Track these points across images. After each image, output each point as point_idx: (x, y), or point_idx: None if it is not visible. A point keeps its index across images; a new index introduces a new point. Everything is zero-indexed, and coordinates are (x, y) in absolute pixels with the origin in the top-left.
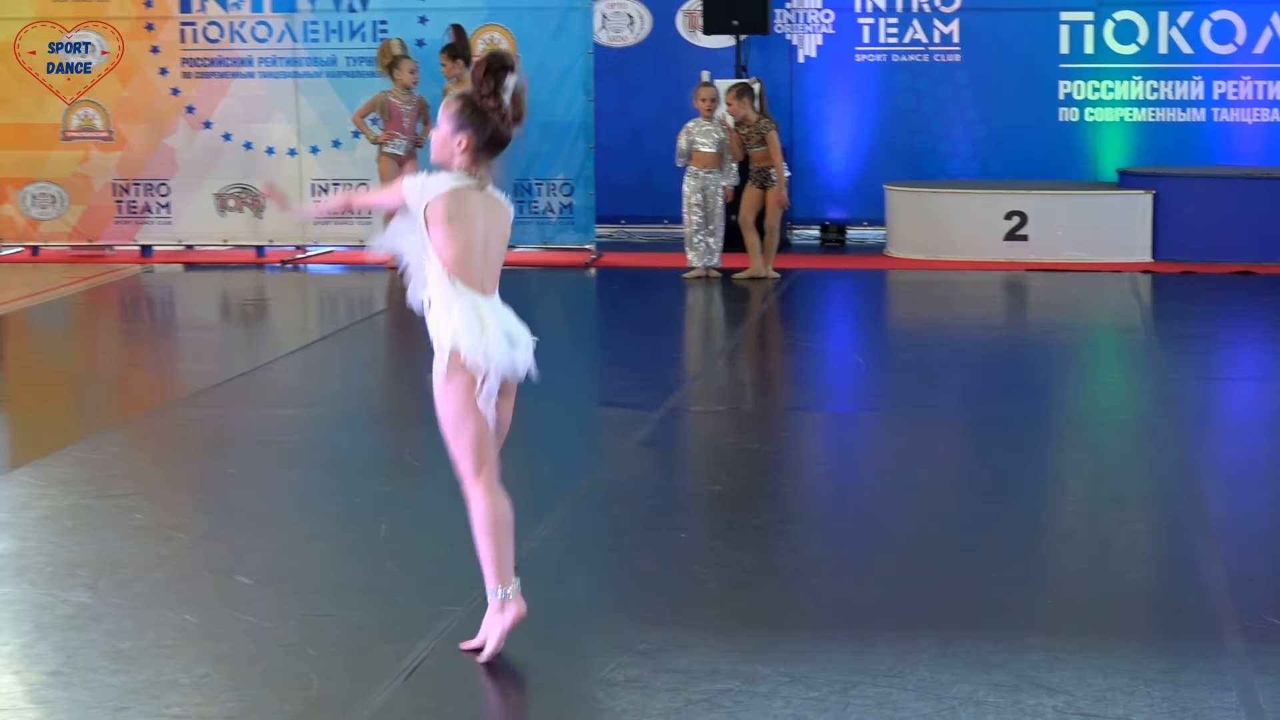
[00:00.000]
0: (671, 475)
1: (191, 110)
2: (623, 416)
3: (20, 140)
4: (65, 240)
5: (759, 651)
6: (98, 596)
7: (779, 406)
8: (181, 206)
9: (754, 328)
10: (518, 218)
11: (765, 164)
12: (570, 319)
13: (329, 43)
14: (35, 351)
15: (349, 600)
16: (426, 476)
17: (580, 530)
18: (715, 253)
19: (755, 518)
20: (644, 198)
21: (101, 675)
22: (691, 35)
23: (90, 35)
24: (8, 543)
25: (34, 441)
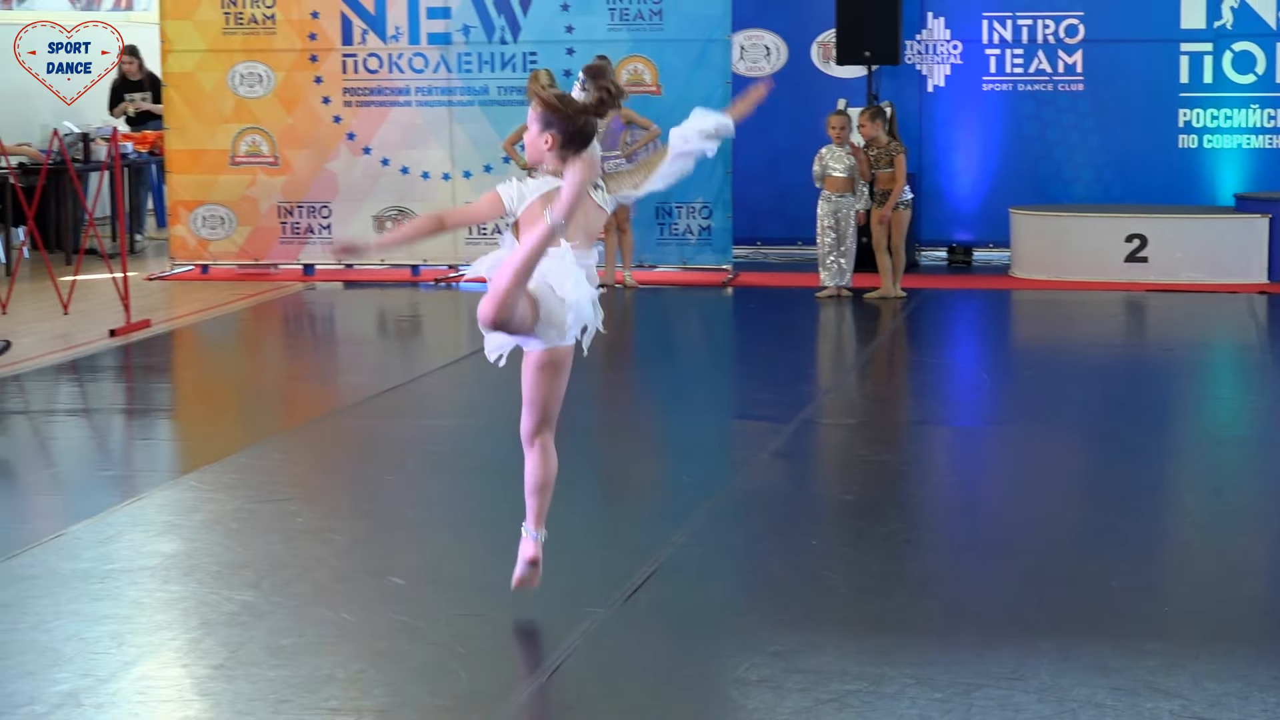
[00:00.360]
0: (803, 485)
1: (352, 137)
2: (758, 429)
3: (192, 165)
4: (233, 259)
5: (886, 654)
6: (260, 595)
7: (906, 420)
8: (342, 227)
9: (883, 345)
10: (658, 238)
11: (889, 186)
12: (708, 336)
13: (481, 73)
14: (204, 364)
15: (497, 601)
16: (571, 485)
17: (717, 537)
18: (847, 273)
19: (883, 526)
20: (779, 220)
21: (263, 669)
22: (825, 65)
23: (259, 67)
24: (177, 544)
25: (202, 449)
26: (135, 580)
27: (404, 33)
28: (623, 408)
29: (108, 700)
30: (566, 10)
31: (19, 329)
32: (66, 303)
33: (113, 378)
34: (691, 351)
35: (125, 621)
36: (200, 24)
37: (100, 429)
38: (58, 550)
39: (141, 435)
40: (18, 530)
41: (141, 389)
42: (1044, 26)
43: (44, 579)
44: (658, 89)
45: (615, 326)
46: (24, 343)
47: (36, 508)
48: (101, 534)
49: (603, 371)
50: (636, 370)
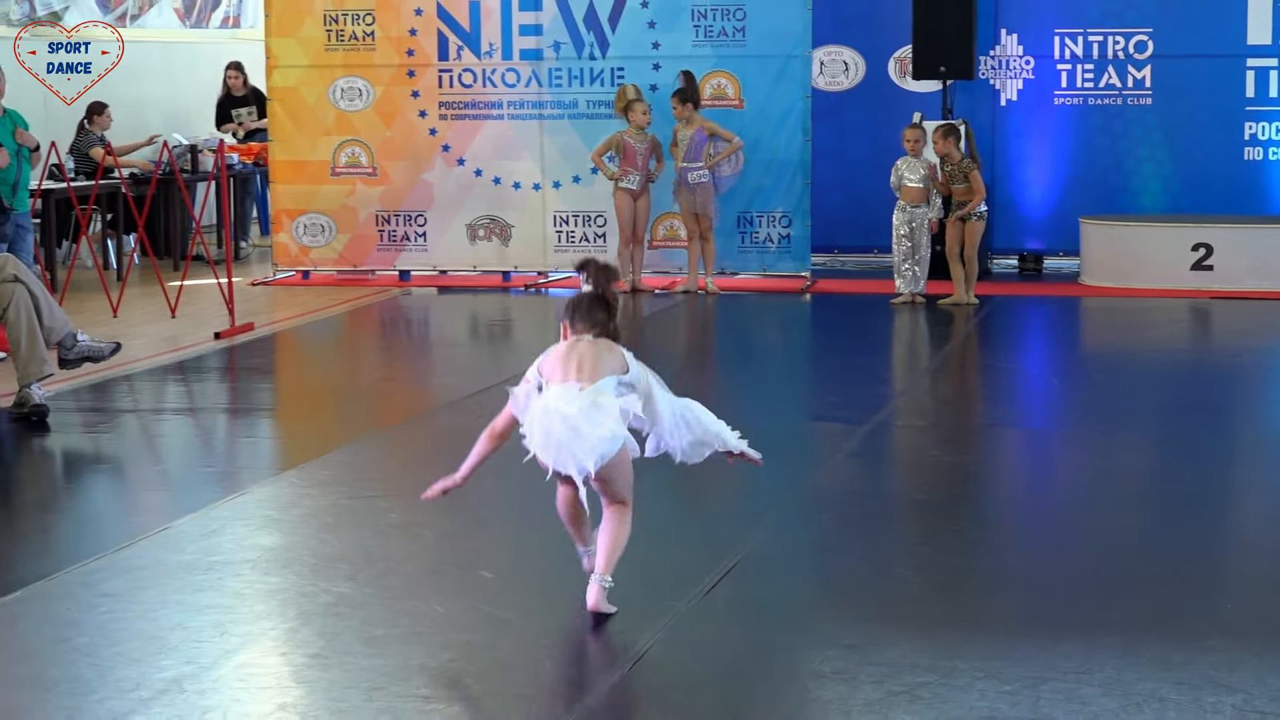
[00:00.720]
0: (877, 484)
1: (447, 149)
2: (833, 430)
3: (295, 175)
4: (332, 265)
5: (956, 648)
6: (355, 587)
7: (978, 422)
8: (437, 235)
9: (956, 350)
10: (739, 246)
11: (965, 199)
12: (786, 341)
13: (571, 87)
14: (304, 365)
15: (580, 595)
16: (653, 485)
17: (793, 534)
18: (921, 280)
19: (954, 525)
20: (855, 229)
21: (357, 658)
22: (902, 80)
23: (359, 81)
24: (276, 537)
25: (300, 447)
26: (237, 572)
27: (497, 49)
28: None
29: (210, 686)
30: (653, 27)
31: (129, 332)
32: (174, 307)
33: (217, 378)
34: (770, 355)
35: (227, 611)
36: (304, 41)
37: (205, 427)
38: (164, 543)
39: (244, 433)
40: (127, 523)
41: (244, 389)
42: (1114, 42)
43: (151, 570)
44: (740, 103)
45: (698, 331)
46: (133, 345)
47: (145, 502)
48: (205, 528)
49: (684, 374)
50: (717, 373)
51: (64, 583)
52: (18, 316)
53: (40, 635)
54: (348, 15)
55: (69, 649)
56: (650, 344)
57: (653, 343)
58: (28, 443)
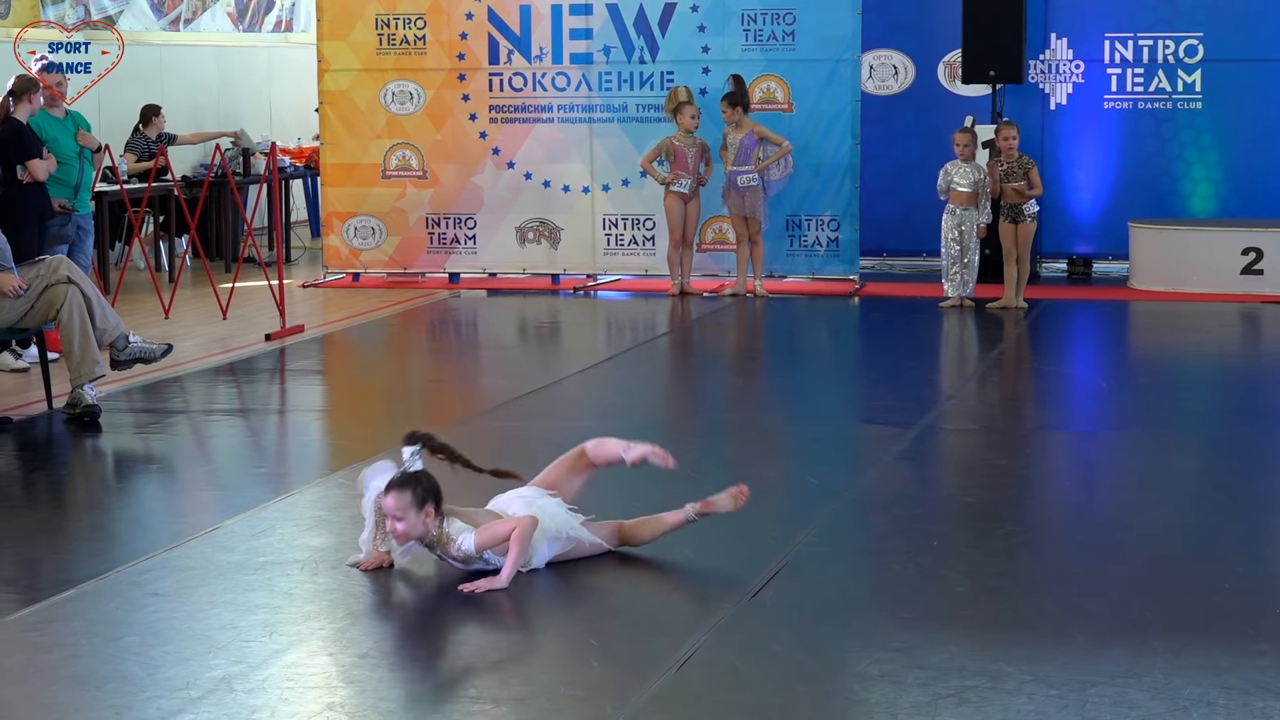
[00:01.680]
0: (925, 487)
1: (497, 152)
2: (882, 433)
3: (346, 178)
4: (382, 268)
5: (1004, 651)
6: (404, 587)
7: (1026, 426)
8: (486, 238)
9: (1004, 353)
10: (788, 249)
11: (1016, 200)
12: (835, 344)
13: (621, 91)
14: (354, 367)
15: (629, 597)
16: (704, 487)
17: (841, 536)
18: (970, 283)
19: (1002, 528)
20: (904, 233)
21: (407, 659)
22: (951, 84)
23: (410, 85)
24: (326, 538)
25: (350, 448)
26: (286, 572)
27: (548, 53)
28: (752, 411)
29: (258, 686)
30: (703, 31)
31: (180, 333)
32: (225, 308)
33: (267, 379)
34: (819, 358)
35: (276, 611)
36: (355, 45)
37: (255, 428)
38: (214, 543)
39: (294, 434)
40: (177, 523)
41: (294, 390)
42: (1164, 47)
43: (201, 570)
44: (789, 107)
45: (747, 334)
46: (185, 346)
47: (195, 502)
48: (255, 528)
49: (733, 376)
50: (766, 375)
51: (115, 582)
52: (70, 318)
53: (91, 634)
54: (399, 19)
55: (119, 648)
56: (699, 347)
57: (701, 346)
58: (80, 443)
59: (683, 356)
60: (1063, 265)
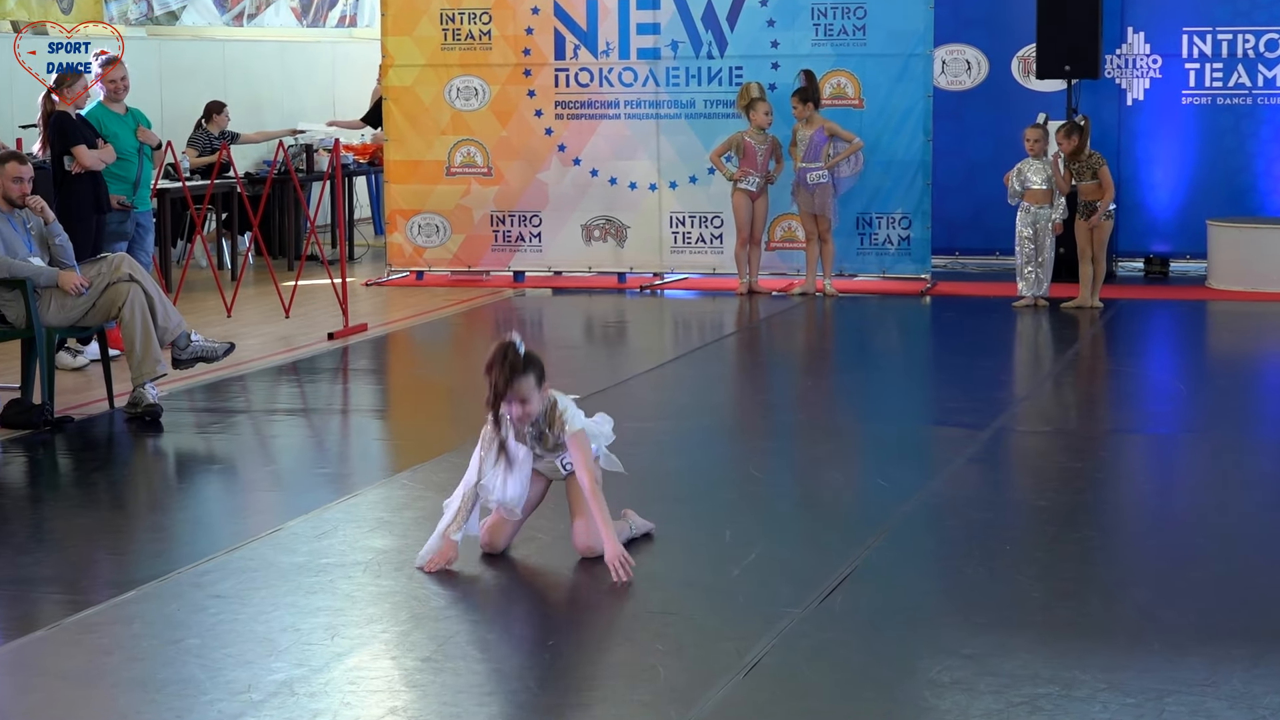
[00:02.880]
0: (998, 490)
1: (563, 148)
2: (954, 435)
3: (410, 176)
4: (446, 266)
5: (1078, 658)
6: (467, 590)
7: (1101, 428)
8: (551, 236)
9: (1079, 354)
10: (858, 248)
11: (1092, 198)
12: (906, 344)
13: (688, 87)
14: (417, 366)
15: (694, 600)
16: (768, 487)
17: (912, 540)
18: (1044, 283)
19: (1076, 532)
20: (977, 231)
21: (469, 663)
22: (1025, 80)
23: (475, 81)
24: (389, 540)
25: (413, 449)
26: (349, 574)
27: (614, 48)
28: (821, 412)
29: (320, 690)
30: (772, 26)
31: (243, 331)
32: (288, 307)
33: (330, 379)
34: (889, 358)
35: (338, 614)
36: (420, 40)
37: (318, 428)
38: (276, 544)
39: (356, 435)
40: (239, 524)
41: (357, 390)
42: (1244, 41)
43: (263, 572)
44: (860, 102)
45: (816, 334)
46: (247, 345)
47: (257, 503)
48: (317, 529)
49: (802, 376)
50: (835, 376)
51: (176, 583)
52: (133, 316)
53: (152, 636)
54: (464, 14)
55: (180, 650)
56: (767, 347)
57: (769, 345)
58: (141, 443)
59: (750, 356)
60: (1139, 264)
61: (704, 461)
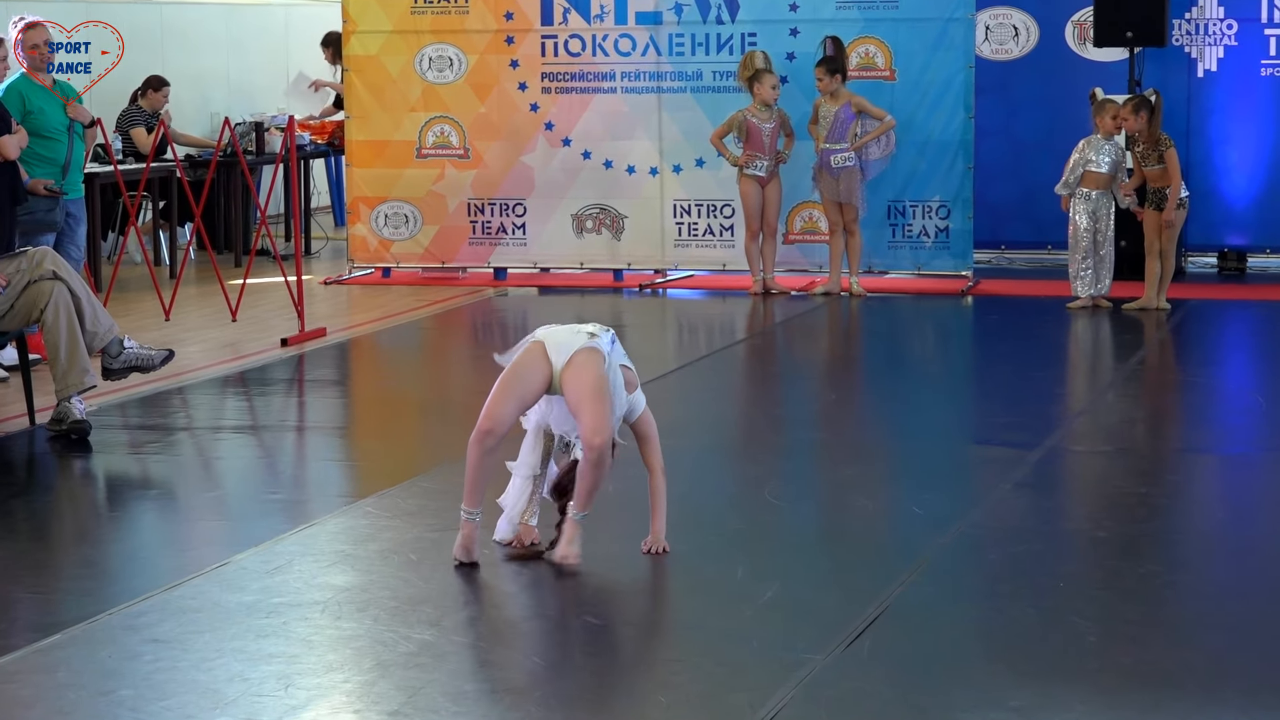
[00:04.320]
0: (1050, 519)
1: (550, 127)
2: (999, 456)
3: (375, 158)
4: (417, 261)
5: (1142, 712)
6: (441, 634)
7: (1169, 447)
8: (538, 227)
9: (1144, 362)
10: (890, 240)
11: (1162, 184)
12: (944, 351)
13: (694, 56)
14: (384, 377)
15: (702, 645)
16: (786, 515)
17: (951, 576)
18: (1104, 281)
19: (1140, 566)
20: (1026, 221)
21: (443, 717)
22: (1081, 48)
23: (449, 49)
24: (351, 576)
25: (379, 471)
26: (305, 615)
27: (610, 11)
28: (847, 429)
29: None
30: None
31: (183, 337)
32: (235, 309)
33: (284, 391)
34: (925, 368)
35: (293, 661)
36: (386, 3)
37: (269, 448)
38: (221, 581)
39: (314, 456)
40: (179, 558)
41: (315, 404)
42: None
43: (206, 612)
44: (891, 74)
45: (840, 339)
46: (188, 352)
47: (199, 534)
48: (269, 564)
49: (826, 389)
50: (863, 388)
51: (107, 626)
52: (56, 319)
53: (80, 686)
54: None
55: (111, 702)
56: (784, 354)
57: (787, 353)
58: (67, 465)
59: (765, 365)
60: (1212, 260)
61: (712, 486)
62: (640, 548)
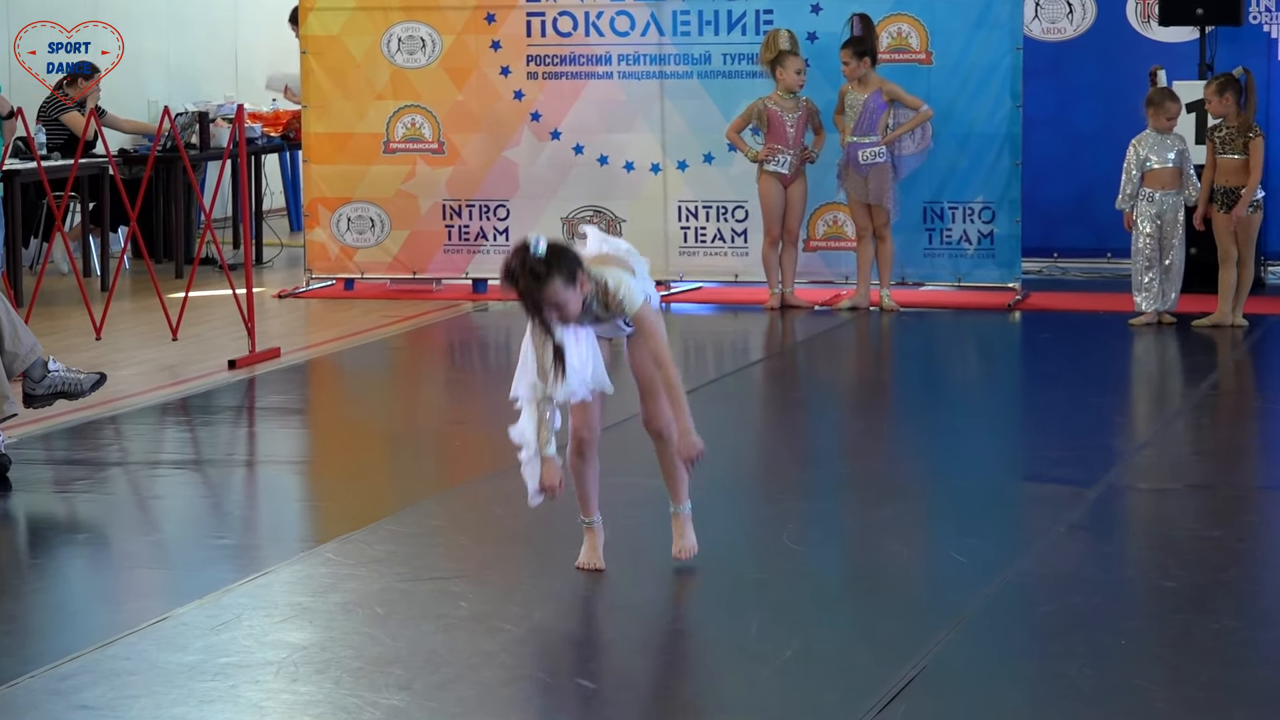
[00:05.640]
0: (1110, 567)
1: (537, 117)
2: (1051, 494)
3: (336, 153)
4: (384, 272)
5: None
6: (412, 699)
7: (1246, 484)
8: (523, 232)
9: (1217, 386)
10: (926, 247)
11: (1234, 181)
12: (988, 374)
13: (703, 37)
14: (345, 405)
15: (712, 711)
16: (809, 563)
17: (997, 632)
18: (1170, 295)
19: (1214, 622)
20: (1082, 226)
21: None
22: (1145, 27)
23: (421, 29)
24: (310, 632)
25: (341, 512)
26: (256, 678)
27: None
28: (878, 464)
29: None
30: None
31: (116, 358)
32: (175, 326)
33: (232, 421)
34: (967, 394)
35: None
36: None
37: (215, 486)
38: (160, 638)
39: (267, 494)
40: (112, 613)
41: (268, 435)
42: None
43: (143, 674)
44: (927, 57)
45: (870, 361)
46: (122, 376)
47: (135, 584)
48: (215, 619)
49: (854, 419)
50: (896, 417)
51: (29, 690)
52: None
53: None
54: None
55: None
56: (806, 378)
57: (809, 376)
58: None
59: (784, 391)
60: None
61: (724, 529)
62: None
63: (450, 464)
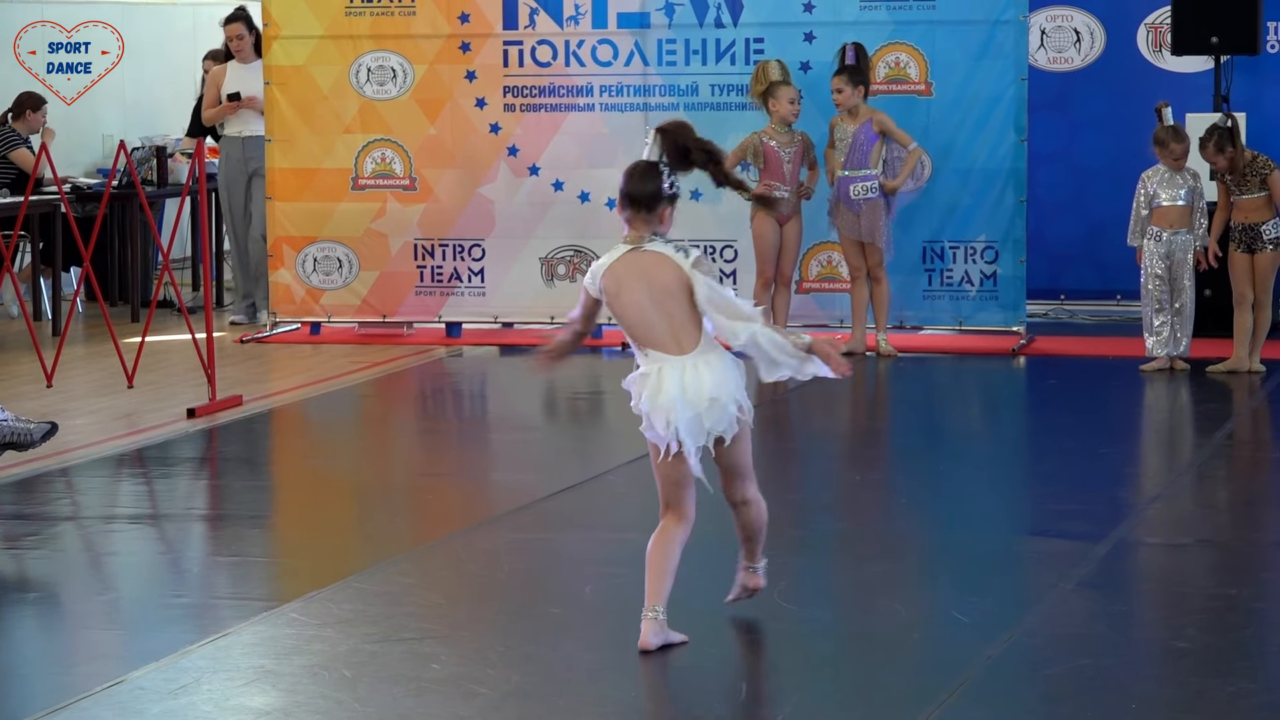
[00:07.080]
0: (1120, 627)
1: (514, 152)
2: (1058, 550)
3: (301, 190)
4: (352, 315)
5: None
6: None
7: (1264, 540)
8: (499, 274)
9: (1233, 436)
10: (925, 289)
11: (1257, 218)
12: (992, 423)
13: (689, 66)
14: (311, 456)
15: None
16: (802, 622)
17: (1001, 696)
18: (1183, 339)
19: (1230, 684)
20: (1090, 266)
21: None
22: (1157, 56)
23: (392, 58)
24: (273, 697)
25: (307, 570)
26: None
27: (586, 13)
28: (874, 518)
29: None
30: None
31: (69, 407)
32: (131, 373)
33: (191, 473)
34: (968, 443)
35: None
36: (316, 2)
37: (173, 542)
38: (114, 703)
39: (227, 551)
40: (63, 676)
41: (229, 489)
42: None
43: None
44: (927, 87)
45: (866, 408)
46: (74, 425)
47: (88, 646)
48: (172, 682)
49: (849, 470)
50: (893, 469)
51: None
52: None
53: None
54: None
55: None
56: (798, 427)
57: (802, 425)
58: None
59: (776, 440)
60: None
61: (712, 585)
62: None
63: (422, 518)
